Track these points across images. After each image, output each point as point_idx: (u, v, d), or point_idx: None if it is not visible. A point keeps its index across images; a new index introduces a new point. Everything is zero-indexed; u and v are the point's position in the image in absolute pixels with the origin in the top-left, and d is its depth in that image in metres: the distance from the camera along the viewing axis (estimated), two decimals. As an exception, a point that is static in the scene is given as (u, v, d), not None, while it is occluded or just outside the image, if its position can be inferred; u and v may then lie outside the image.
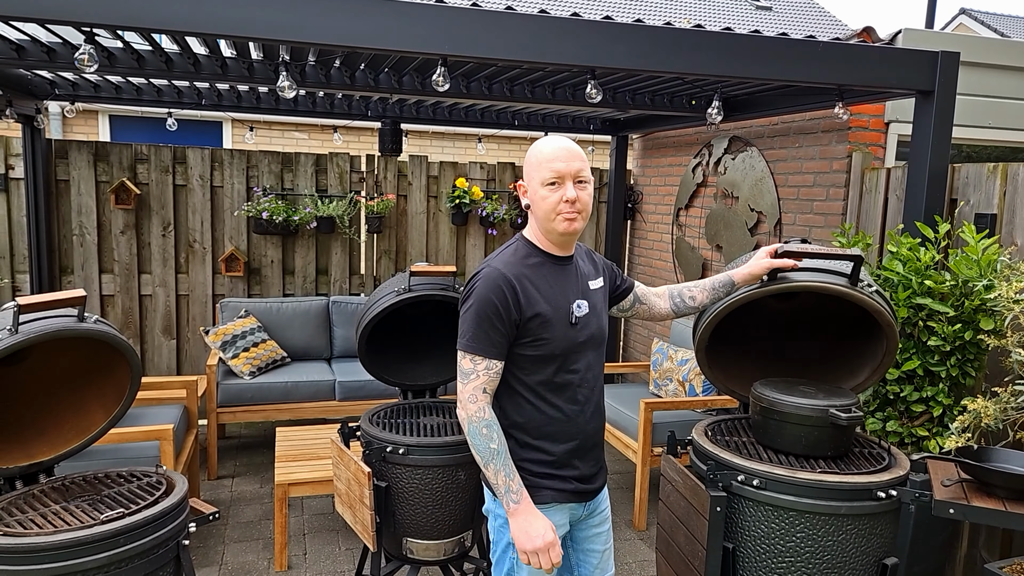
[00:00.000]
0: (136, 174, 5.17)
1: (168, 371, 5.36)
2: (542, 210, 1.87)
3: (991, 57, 4.12)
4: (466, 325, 1.85)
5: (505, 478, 1.82)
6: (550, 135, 1.93)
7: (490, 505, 1.97)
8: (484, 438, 1.82)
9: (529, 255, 1.91)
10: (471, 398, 1.83)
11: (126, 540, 1.97)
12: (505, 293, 1.82)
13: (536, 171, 1.88)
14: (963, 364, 2.82)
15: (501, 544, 1.94)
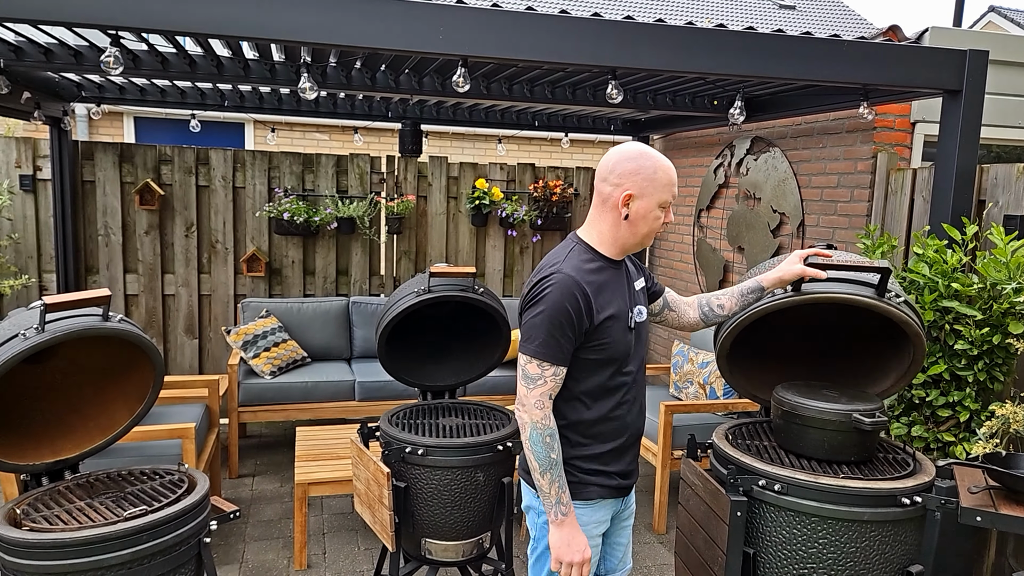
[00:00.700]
0: (160, 175, 5.23)
1: (190, 370, 5.42)
2: (646, 227, 1.91)
3: (1021, 55, 4.04)
4: (536, 330, 1.85)
5: (559, 490, 1.86)
6: (659, 154, 1.92)
7: (532, 501, 2.01)
8: (546, 447, 1.84)
9: (591, 259, 1.92)
10: (537, 404, 1.84)
11: (148, 537, 1.99)
12: (579, 301, 1.83)
13: (659, 192, 1.89)
14: (991, 368, 2.77)
15: (545, 541, 1.97)
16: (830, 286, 2.18)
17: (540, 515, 1.99)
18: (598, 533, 2.02)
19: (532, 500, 2.01)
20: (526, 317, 1.89)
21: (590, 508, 1.97)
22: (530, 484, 2.01)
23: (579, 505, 1.96)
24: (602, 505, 2.00)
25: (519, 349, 1.91)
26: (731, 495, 2.04)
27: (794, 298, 2.18)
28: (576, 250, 1.92)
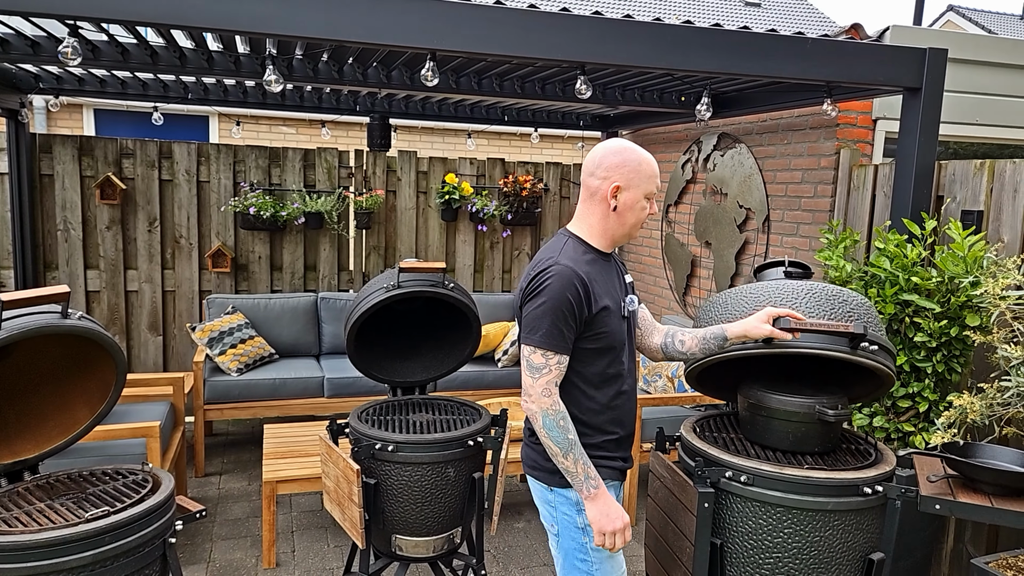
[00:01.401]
0: (122, 169, 5.12)
1: (154, 368, 5.33)
2: (633, 218, 1.99)
3: (979, 54, 4.14)
4: (539, 320, 1.89)
5: (584, 466, 1.90)
6: (637, 146, 1.99)
7: (546, 496, 2.05)
8: (562, 429, 1.89)
9: (585, 251, 1.99)
10: (544, 392, 1.89)
11: (111, 539, 1.95)
12: (579, 290, 1.89)
13: (644, 183, 1.97)
14: (949, 360, 2.84)
15: (568, 532, 2.02)
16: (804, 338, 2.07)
17: (556, 508, 2.03)
18: None
19: (545, 494, 2.05)
20: (528, 309, 1.93)
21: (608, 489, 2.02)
22: (539, 480, 2.05)
23: None
24: (611, 486, 2.06)
25: (521, 341, 1.95)
26: (699, 487, 2.06)
27: (765, 350, 2.09)
28: (570, 243, 1.99)
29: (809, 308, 2.09)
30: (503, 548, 3.71)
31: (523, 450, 2.13)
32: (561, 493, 2.01)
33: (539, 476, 2.06)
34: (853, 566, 2.06)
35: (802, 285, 2.16)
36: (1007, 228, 2.95)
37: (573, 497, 1.99)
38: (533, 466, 2.07)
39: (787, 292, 2.14)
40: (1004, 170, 2.97)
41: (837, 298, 2.13)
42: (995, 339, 2.55)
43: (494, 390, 5.18)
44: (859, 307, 2.14)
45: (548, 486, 2.03)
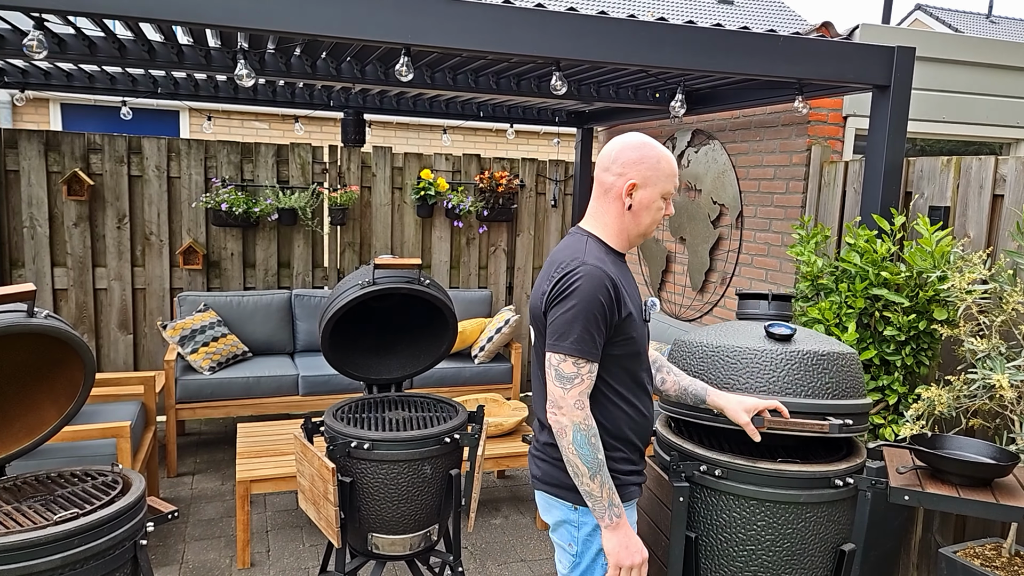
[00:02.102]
0: (89, 164, 5.02)
1: (125, 367, 5.24)
2: (649, 218, 1.87)
3: (945, 52, 4.22)
4: (569, 326, 1.74)
5: (610, 491, 1.76)
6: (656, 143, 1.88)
7: (568, 515, 1.88)
8: (592, 448, 1.74)
9: (607, 252, 1.86)
10: (577, 404, 1.74)
11: (80, 541, 1.92)
12: (610, 292, 1.77)
13: (663, 180, 1.85)
14: (917, 353, 2.90)
15: (590, 553, 1.87)
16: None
17: (579, 528, 1.86)
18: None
19: (567, 514, 1.88)
20: (555, 313, 1.77)
21: (630, 509, 1.92)
22: (561, 497, 1.87)
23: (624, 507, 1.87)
24: (634, 503, 1.95)
25: (548, 348, 1.79)
26: (674, 481, 2.08)
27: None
28: (592, 243, 1.85)
29: (791, 379, 2.04)
30: (480, 545, 3.71)
31: (540, 465, 1.92)
32: (588, 513, 1.84)
33: (561, 494, 1.87)
34: (825, 557, 2.09)
35: (782, 353, 2.08)
36: (973, 224, 3.01)
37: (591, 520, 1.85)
38: (552, 482, 1.88)
39: (768, 362, 2.08)
40: (970, 167, 3.03)
41: (818, 366, 2.07)
42: (962, 332, 2.61)
43: (471, 387, 5.18)
44: (840, 371, 2.09)
45: (573, 505, 1.86)
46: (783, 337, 2.08)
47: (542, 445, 1.91)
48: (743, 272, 4.35)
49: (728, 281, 4.48)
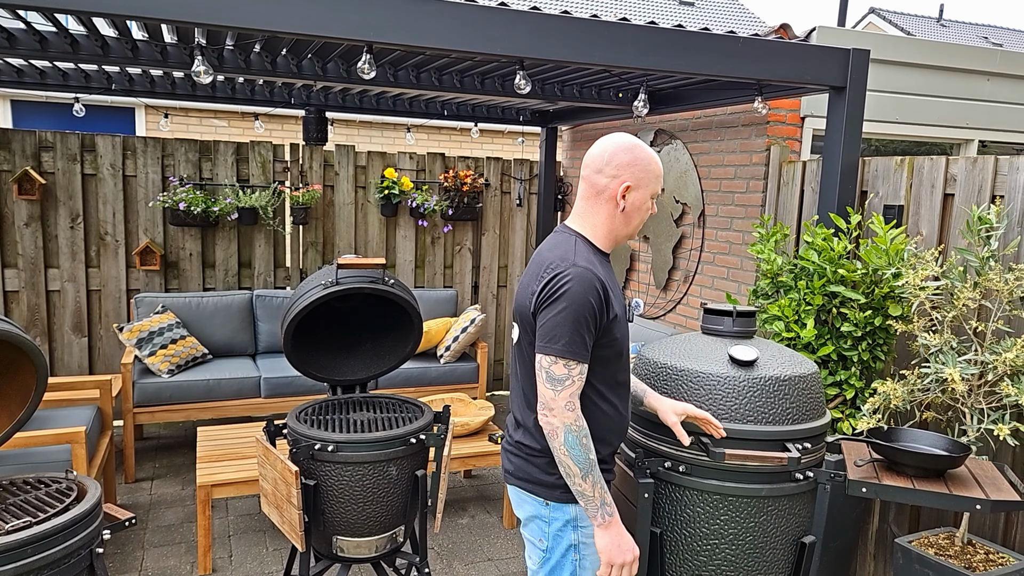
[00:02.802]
0: (41, 163, 4.88)
1: (80, 371, 5.10)
2: (639, 218, 1.91)
3: (898, 55, 4.33)
4: (560, 328, 1.75)
5: (601, 490, 1.78)
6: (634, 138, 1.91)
7: (539, 510, 1.90)
8: (584, 449, 1.76)
9: (594, 252, 1.88)
10: (568, 406, 1.76)
11: (33, 550, 1.86)
12: (600, 295, 1.78)
13: (653, 182, 1.90)
14: (873, 348, 2.97)
15: (560, 549, 1.89)
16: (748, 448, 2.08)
17: (550, 524, 1.90)
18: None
19: (539, 509, 1.90)
20: (546, 315, 1.78)
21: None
22: (534, 493, 1.90)
23: None
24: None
25: (539, 351, 1.79)
26: (639, 478, 2.10)
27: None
28: (580, 244, 1.86)
29: (753, 407, 2.06)
30: (447, 545, 3.70)
31: (512, 460, 1.95)
32: (559, 508, 1.87)
33: (534, 490, 1.90)
34: (787, 550, 2.13)
35: (745, 380, 2.09)
36: (925, 222, 3.10)
37: (571, 514, 1.88)
38: (526, 478, 1.91)
39: (731, 389, 2.08)
40: (922, 166, 3.11)
41: (780, 392, 2.09)
42: (915, 328, 2.68)
43: (437, 386, 5.16)
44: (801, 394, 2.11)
45: (545, 500, 1.89)
46: (746, 363, 2.12)
47: (515, 441, 1.94)
48: (705, 270, 4.41)
49: (691, 279, 4.54)
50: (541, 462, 1.88)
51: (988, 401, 2.56)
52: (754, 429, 2.06)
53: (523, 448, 1.92)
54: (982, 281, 2.52)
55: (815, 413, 2.16)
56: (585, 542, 1.90)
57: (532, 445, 1.90)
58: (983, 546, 2.56)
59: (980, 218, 2.52)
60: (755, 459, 1.99)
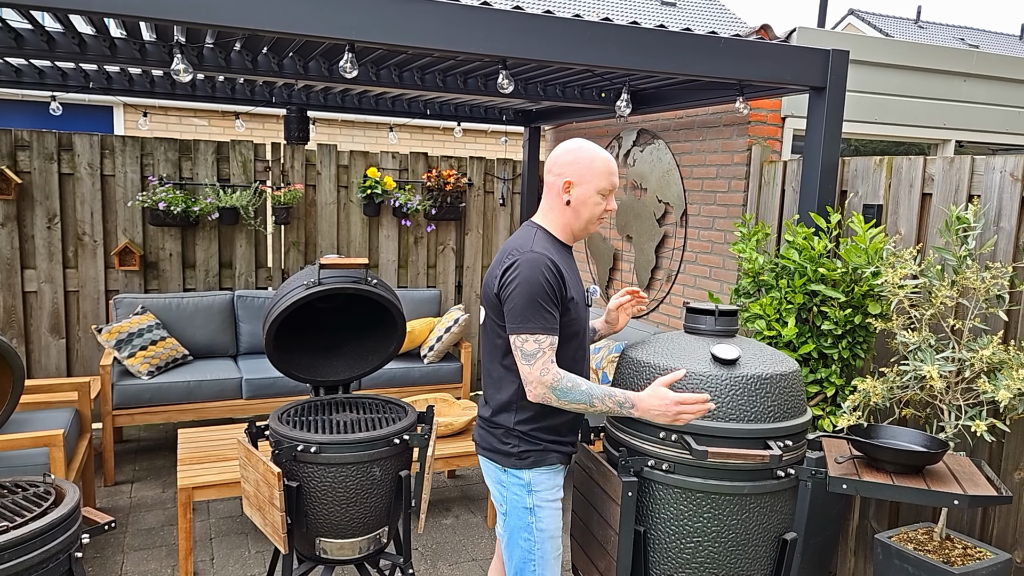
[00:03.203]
0: (16, 162, 4.80)
1: (58, 373, 5.03)
2: (588, 212, 2.10)
3: (877, 56, 4.38)
4: (523, 310, 1.96)
5: (612, 401, 1.97)
6: (595, 145, 2.11)
7: (500, 476, 2.16)
8: (573, 390, 1.96)
9: (552, 242, 2.11)
10: (543, 372, 1.96)
11: (11, 555, 1.84)
12: (553, 272, 1.99)
13: (597, 179, 2.08)
14: (853, 346, 3.00)
15: (516, 511, 2.13)
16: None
17: (507, 488, 2.14)
18: (559, 497, 2.19)
19: (498, 475, 2.16)
20: (508, 303, 1.99)
21: (552, 472, 2.15)
22: (493, 460, 2.15)
23: (543, 471, 2.13)
24: (560, 470, 2.19)
25: (510, 333, 1.99)
26: (622, 476, 2.11)
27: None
28: (539, 235, 2.09)
29: (735, 405, 2.07)
30: (431, 546, 3.69)
31: (480, 432, 2.21)
32: (513, 474, 2.12)
33: (493, 457, 2.15)
34: (768, 546, 2.15)
35: (727, 379, 2.10)
36: (904, 221, 3.13)
37: (525, 478, 2.11)
38: (487, 447, 2.16)
39: (713, 388, 2.09)
40: (901, 166, 3.15)
41: (762, 390, 2.10)
42: (894, 326, 2.71)
43: (420, 387, 5.15)
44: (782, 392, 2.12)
45: (502, 467, 2.13)
46: (728, 362, 2.13)
47: (480, 415, 2.21)
48: (688, 269, 4.44)
49: (673, 278, 4.56)
50: (498, 432, 2.13)
51: (965, 398, 2.60)
52: (736, 427, 2.07)
53: (485, 420, 2.18)
54: (959, 280, 2.55)
55: (796, 411, 2.17)
56: (540, 505, 2.13)
57: (490, 417, 2.15)
58: (961, 541, 2.60)
59: (958, 217, 2.56)
60: (737, 457, 2.01)
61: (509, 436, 2.12)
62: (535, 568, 2.15)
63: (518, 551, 2.16)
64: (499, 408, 2.13)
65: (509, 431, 2.12)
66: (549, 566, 2.16)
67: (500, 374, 2.13)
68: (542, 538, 2.14)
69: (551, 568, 2.16)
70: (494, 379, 2.14)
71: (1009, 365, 2.45)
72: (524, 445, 2.11)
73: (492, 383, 2.16)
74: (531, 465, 2.11)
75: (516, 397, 2.10)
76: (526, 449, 2.11)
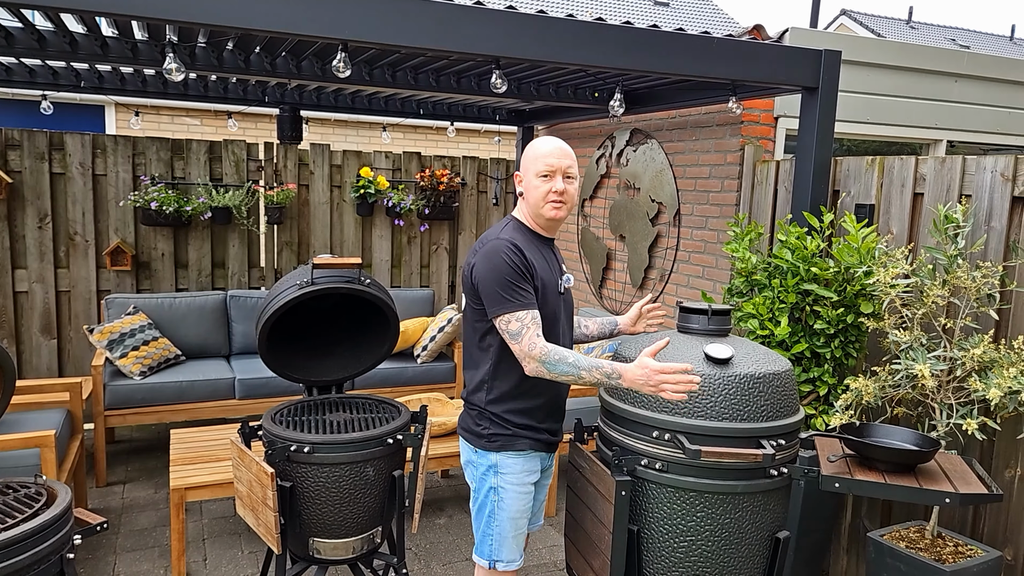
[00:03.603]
0: (7, 161, 4.77)
1: (49, 373, 5.00)
2: (533, 197, 2.18)
3: (869, 56, 4.40)
4: (497, 292, 2.05)
5: (600, 372, 2.04)
6: (545, 136, 2.20)
7: (471, 456, 2.26)
8: (561, 362, 2.03)
9: (523, 231, 2.21)
10: (531, 346, 2.04)
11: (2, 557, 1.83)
12: (515, 254, 2.08)
13: (532, 164, 2.18)
14: (846, 346, 3.01)
15: (483, 490, 2.24)
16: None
17: (477, 468, 2.24)
18: (530, 481, 2.26)
19: (470, 455, 2.27)
20: (483, 288, 2.08)
21: (522, 458, 2.22)
22: (467, 440, 2.26)
23: (511, 455, 2.21)
24: (533, 456, 2.25)
25: (492, 317, 2.08)
26: (616, 475, 2.11)
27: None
28: (511, 224, 2.22)
29: (728, 405, 2.08)
30: (425, 545, 3.69)
31: (460, 414, 2.33)
32: (483, 455, 2.23)
33: (467, 437, 2.27)
34: (761, 545, 2.16)
35: (720, 379, 2.10)
36: (896, 220, 3.15)
37: (492, 460, 2.21)
38: (464, 428, 2.28)
39: (707, 387, 2.10)
40: (893, 166, 3.16)
41: (755, 389, 2.10)
42: (886, 325, 2.72)
43: (414, 386, 5.14)
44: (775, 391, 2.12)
45: (473, 448, 2.25)
46: (721, 361, 2.14)
47: (462, 397, 2.30)
48: (681, 269, 4.45)
49: (667, 278, 4.57)
50: (473, 414, 2.24)
51: (957, 397, 2.61)
52: (729, 426, 2.08)
53: (464, 402, 2.29)
54: (950, 279, 2.57)
55: (789, 410, 2.18)
56: (503, 486, 2.21)
57: (467, 398, 2.26)
58: (952, 539, 2.61)
59: (947, 217, 2.57)
60: (730, 456, 2.01)
61: (481, 418, 2.22)
62: (491, 543, 2.25)
63: (480, 527, 2.27)
64: (474, 388, 2.24)
65: (481, 412, 2.22)
66: (506, 544, 2.25)
67: (476, 355, 2.23)
68: (502, 518, 2.23)
69: (508, 547, 2.25)
70: (472, 360, 2.25)
71: (1000, 364, 2.47)
72: (494, 428, 2.21)
73: (471, 363, 2.26)
74: (499, 448, 2.20)
75: (488, 376, 2.20)
76: (496, 432, 2.20)
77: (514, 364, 2.16)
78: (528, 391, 2.20)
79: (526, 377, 2.16)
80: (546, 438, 2.27)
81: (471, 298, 2.18)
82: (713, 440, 2.08)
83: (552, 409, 2.29)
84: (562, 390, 2.32)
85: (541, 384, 2.21)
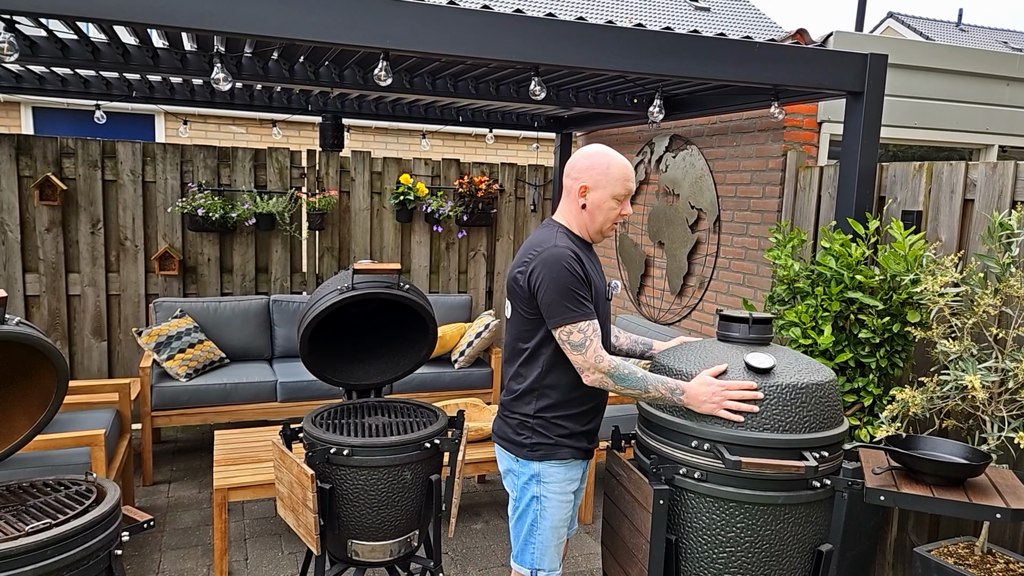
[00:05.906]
0: (62, 169, 4.95)
1: (99, 374, 5.16)
2: (603, 216, 2.19)
3: (917, 60, 4.29)
4: (558, 303, 2.04)
5: (664, 388, 2.05)
6: (605, 148, 2.20)
7: (511, 465, 2.26)
8: (629, 376, 2.05)
9: (573, 238, 2.21)
10: (597, 359, 2.04)
11: (54, 552, 1.89)
12: (576, 263, 2.08)
13: (611, 184, 2.16)
14: (892, 355, 2.94)
15: (525, 499, 2.24)
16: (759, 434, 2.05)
17: (518, 477, 2.24)
18: (572, 490, 2.27)
19: (511, 464, 2.26)
20: (543, 298, 2.07)
21: (564, 467, 2.23)
22: (507, 450, 2.26)
23: (553, 464, 2.21)
24: (576, 465, 2.26)
25: (552, 328, 2.07)
26: (654, 484, 2.09)
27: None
28: (560, 233, 2.19)
29: (770, 416, 2.03)
30: (461, 550, 3.70)
31: (498, 421, 2.31)
32: (526, 464, 2.22)
33: (507, 447, 2.26)
34: (803, 558, 2.11)
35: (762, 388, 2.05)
36: (944, 228, 3.07)
37: (535, 469, 2.21)
38: (504, 437, 2.27)
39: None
40: (941, 172, 3.08)
41: (797, 400, 2.05)
42: (934, 335, 2.65)
43: (451, 391, 5.17)
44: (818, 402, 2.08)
45: (515, 456, 2.24)
46: (763, 371, 2.10)
47: (501, 404, 2.30)
48: (721, 276, 4.39)
49: (706, 285, 4.52)
50: (513, 423, 2.23)
51: (1009, 409, 2.53)
52: (771, 437, 2.04)
53: (503, 410, 2.27)
54: (1003, 287, 2.49)
55: (833, 421, 2.14)
56: (546, 495, 2.21)
57: (509, 408, 2.24)
58: (1003, 555, 2.53)
59: (1001, 224, 2.49)
60: (772, 467, 1.98)
61: (523, 428, 2.21)
62: (533, 552, 2.25)
63: (521, 536, 2.27)
64: (518, 396, 2.22)
65: (523, 422, 2.21)
66: (548, 553, 2.25)
67: (522, 363, 2.21)
68: (545, 527, 2.23)
69: (549, 556, 2.25)
70: (517, 367, 2.22)
71: (1055, 376, 2.38)
72: (536, 438, 2.20)
73: (514, 371, 2.24)
74: (541, 458, 2.20)
75: (538, 384, 2.18)
76: (538, 442, 2.20)
77: (565, 373, 2.16)
78: (578, 398, 2.21)
79: (578, 385, 2.16)
80: (585, 445, 2.28)
81: (523, 305, 2.16)
82: (754, 451, 2.04)
83: (595, 415, 2.30)
84: (605, 399, 2.32)
85: (589, 391, 2.22)
